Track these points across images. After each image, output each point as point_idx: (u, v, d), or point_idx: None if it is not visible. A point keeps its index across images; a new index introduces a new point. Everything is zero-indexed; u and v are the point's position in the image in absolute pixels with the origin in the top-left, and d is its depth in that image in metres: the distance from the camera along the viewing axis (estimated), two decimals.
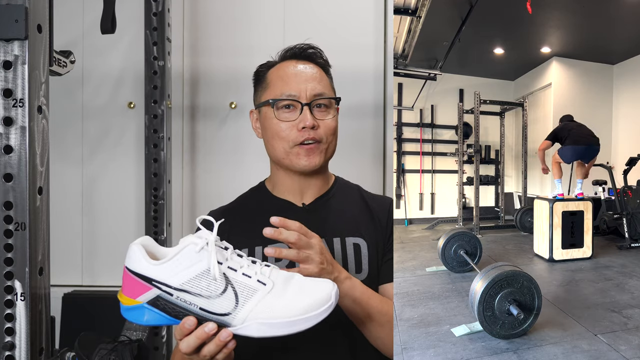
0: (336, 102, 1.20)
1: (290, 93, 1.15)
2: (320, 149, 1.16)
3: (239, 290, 0.81)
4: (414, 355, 1.68)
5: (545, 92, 4.76)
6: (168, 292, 0.80)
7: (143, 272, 0.80)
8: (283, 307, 0.80)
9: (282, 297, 0.81)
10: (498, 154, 5.15)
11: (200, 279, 0.80)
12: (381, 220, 1.22)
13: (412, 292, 2.45)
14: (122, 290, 0.83)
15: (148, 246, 0.84)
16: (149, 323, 0.82)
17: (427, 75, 4.68)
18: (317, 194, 1.23)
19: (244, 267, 0.83)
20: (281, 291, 0.82)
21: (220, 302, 0.80)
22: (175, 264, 0.80)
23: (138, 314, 0.82)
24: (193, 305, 0.80)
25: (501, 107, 4.87)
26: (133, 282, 0.81)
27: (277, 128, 1.15)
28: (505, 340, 1.80)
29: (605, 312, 2.09)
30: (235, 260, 0.84)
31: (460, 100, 5.06)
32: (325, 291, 0.83)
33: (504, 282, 1.81)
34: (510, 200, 5.27)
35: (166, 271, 0.80)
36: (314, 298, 0.82)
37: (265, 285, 0.82)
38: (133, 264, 0.81)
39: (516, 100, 4.92)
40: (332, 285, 0.84)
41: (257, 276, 0.82)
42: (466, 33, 3.59)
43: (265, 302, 0.81)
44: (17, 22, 0.87)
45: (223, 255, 0.83)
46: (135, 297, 0.81)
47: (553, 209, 3.13)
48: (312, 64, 1.20)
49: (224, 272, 0.81)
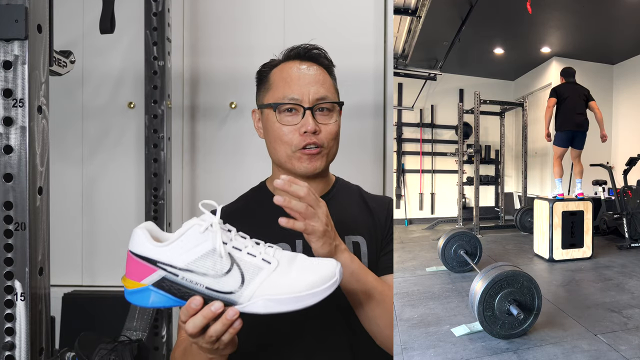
0: (339, 106, 1.19)
1: (293, 96, 1.14)
2: (322, 153, 1.16)
3: (244, 269, 0.81)
4: (414, 355, 1.68)
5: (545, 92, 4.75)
6: (173, 272, 0.80)
7: (148, 254, 0.80)
8: (289, 284, 0.81)
9: (287, 275, 0.82)
10: (498, 154, 5.16)
11: (206, 258, 0.80)
12: (380, 219, 1.22)
13: (412, 292, 2.45)
14: (127, 274, 0.83)
15: (152, 231, 0.84)
16: (155, 305, 0.82)
17: (427, 75, 4.68)
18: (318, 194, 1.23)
19: (248, 247, 0.84)
20: (286, 269, 0.83)
21: (226, 281, 0.80)
22: (180, 245, 0.81)
23: (143, 297, 0.81)
24: (199, 285, 0.80)
25: (501, 107, 4.87)
26: (137, 265, 0.81)
27: (280, 132, 1.14)
28: (505, 340, 1.80)
29: (605, 312, 2.09)
30: (239, 241, 0.84)
31: (460, 100, 5.06)
32: (330, 268, 0.84)
33: (504, 282, 1.81)
34: (510, 200, 5.27)
35: (171, 252, 0.80)
36: (319, 274, 0.83)
37: (270, 263, 0.83)
38: (137, 246, 0.81)
39: (516, 100, 4.92)
40: (336, 263, 0.85)
41: (261, 255, 0.83)
42: (466, 33, 3.59)
43: (271, 280, 0.81)
44: (17, 22, 0.87)
45: (227, 236, 0.83)
46: (140, 280, 0.81)
47: (553, 209, 3.13)
48: (316, 65, 1.19)
49: (229, 252, 0.82)
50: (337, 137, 1.19)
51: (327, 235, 0.95)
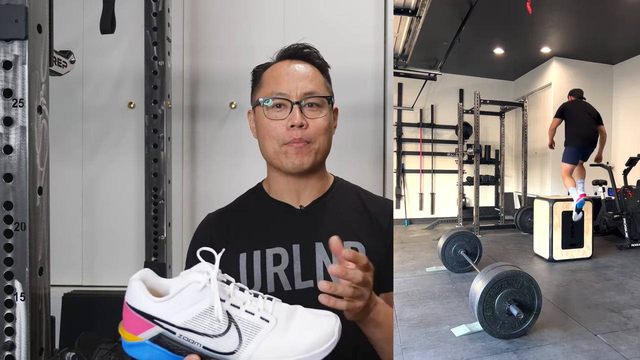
0: (328, 101, 1.18)
1: (281, 91, 1.13)
2: (310, 149, 1.14)
3: (242, 329, 0.80)
4: (414, 355, 1.68)
5: (545, 92, 4.76)
6: (171, 330, 0.79)
7: (144, 309, 0.79)
8: (288, 345, 0.80)
9: (285, 334, 0.81)
10: (498, 154, 5.15)
11: (203, 317, 0.79)
12: (382, 225, 1.20)
13: (412, 292, 2.45)
14: (124, 325, 0.82)
15: (148, 280, 0.82)
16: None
17: (427, 75, 4.68)
18: (315, 195, 1.22)
19: (246, 304, 0.82)
20: (284, 327, 0.81)
21: (224, 341, 0.79)
22: (178, 302, 0.79)
23: (140, 351, 0.80)
24: (196, 344, 0.79)
25: (501, 107, 4.87)
26: (134, 318, 0.80)
27: (268, 127, 1.14)
28: (505, 340, 1.80)
29: (605, 312, 2.09)
30: (237, 297, 0.82)
31: (460, 100, 5.06)
32: (329, 326, 0.82)
33: (504, 282, 1.81)
34: (510, 200, 5.26)
35: (168, 309, 0.78)
36: (318, 334, 0.81)
37: (269, 322, 0.81)
38: (134, 300, 0.80)
39: (516, 100, 4.92)
40: (335, 320, 0.84)
41: (260, 313, 0.81)
42: (466, 33, 3.59)
43: (270, 340, 0.80)
44: (17, 22, 0.87)
45: (225, 292, 0.81)
46: (137, 334, 0.80)
47: (553, 209, 3.13)
48: (307, 63, 1.19)
49: (227, 310, 0.80)
50: (327, 132, 1.17)
51: (365, 311, 0.93)
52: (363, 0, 2.19)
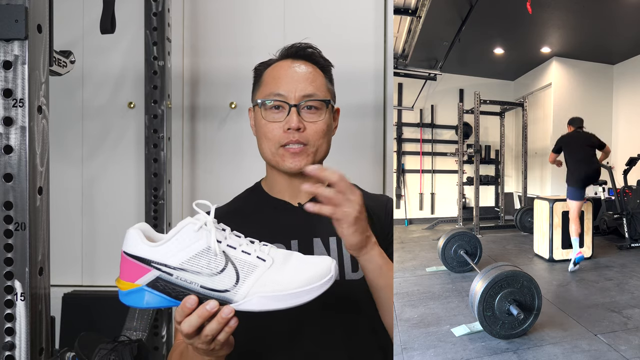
0: (327, 104, 1.16)
1: (279, 93, 1.12)
2: (307, 152, 1.13)
3: (239, 267, 0.81)
4: (414, 355, 1.68)
5: (545, 92, 4.76)
6: (168, 272, 0.80)
7: (142, 254, 0.80)
8: (284, 281, 0.81)
9: (282, 272, 0.82)
10: (498, 154, 5.16)
11: (200, 257, 0.80)
12: (380, 218, 1.20)
13: (412, 292, 2.45)
14: (120, 276, 0.82)
15: (146, 231, 0.84)
16: (149, 305, 0.81)
17: (427, 75, 4.68)
18: None
19: (242, 245, 0.83)
20: (281, 266, 0.82)
21: (221, 279, 0.80)
22: (174, 244, 0.80)
23: (137, 297, 0.81)
24: (193, 283, 0.80)
25: (501, 107, 4.87)
26: (131, 265, 0.81)
27: (265, 129, 1.13)
28: (505, 340, 1.80)
29: (605, 312, 2.09)
30: (233, 239, 0.84)
31: (460, 100, 5.06)
32: (325, 264, 0.83)
33: (504, 282, 1.81)
34: (510, 200, 5.26)
35: (165, 251, 0.80)
36: (315, 271, 0.82)
37: (265, 261, 0.82)
38: (131, 247, 0.81)
39: (516, 100, 4.92)
40: (331, 260, 0.85)
41: (256, 253, 0.83)
42: (466, 33, 3.59)
43: (266, 277, 0.81)
44: (17, 22, 0.87)
45: (221, 235, 0.83)
46: (134, 280, 0.80)
47: (553, 209, 3.13)
48: (309, 63, 1.18)
49: (224, 250, 0.81)
50: (326, 135, 1.16)
51: (359, 224, 0.92)
52: (363, 0, 2.19)
